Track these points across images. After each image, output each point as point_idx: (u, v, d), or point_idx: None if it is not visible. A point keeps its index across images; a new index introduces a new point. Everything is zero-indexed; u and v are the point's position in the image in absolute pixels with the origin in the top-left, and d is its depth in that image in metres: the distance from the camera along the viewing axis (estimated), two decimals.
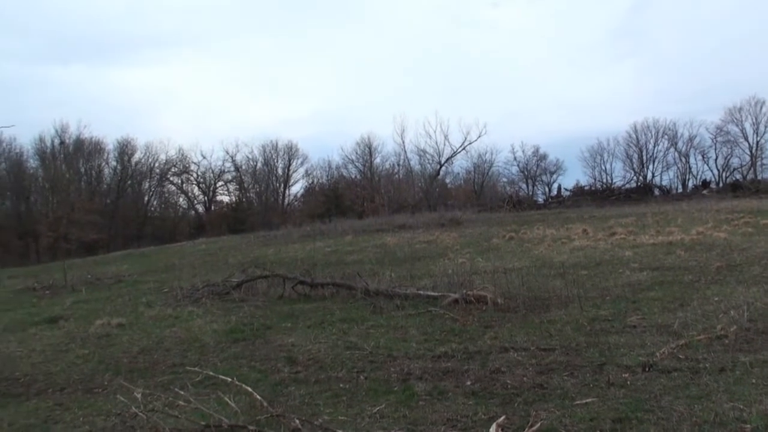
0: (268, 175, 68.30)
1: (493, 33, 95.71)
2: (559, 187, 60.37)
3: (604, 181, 60.91)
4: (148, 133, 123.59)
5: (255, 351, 8.69)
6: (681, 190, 56.17)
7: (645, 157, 61.62)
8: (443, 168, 61.29)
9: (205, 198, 69.31)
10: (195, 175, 68.54)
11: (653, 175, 61.00)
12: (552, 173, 65.61)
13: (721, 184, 53.59)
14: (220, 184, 69.08)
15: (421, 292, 11.73)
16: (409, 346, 8.24)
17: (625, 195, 47.44)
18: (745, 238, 16.82)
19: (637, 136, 61.64)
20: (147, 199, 66.89)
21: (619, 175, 61.94)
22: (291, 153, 67.82)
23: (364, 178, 64.49)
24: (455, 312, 10.08)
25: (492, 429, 4.94)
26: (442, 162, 60.25)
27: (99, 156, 63.39)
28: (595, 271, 13.67)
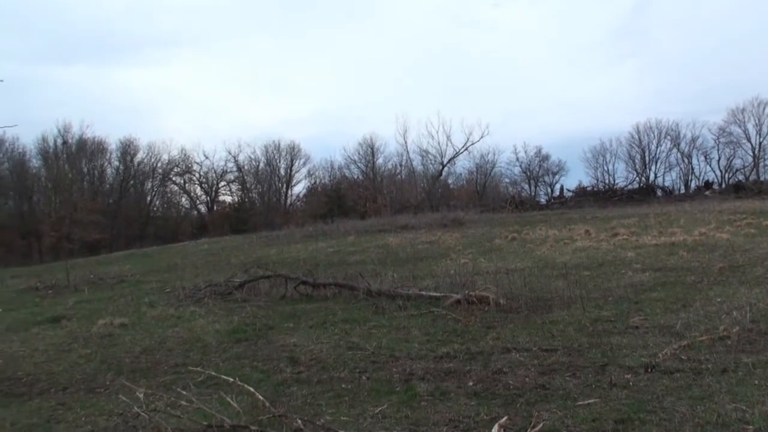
0: (270, 175, 68.40)
1: (494, 33, 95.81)
2: (561, 188, 60.35)
3: (607, 181, 60.96)
4: (150, 133, 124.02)
5: (257, 351, 8.69)
6: (683, 190, 56.16)
7: (647, 158, 61.67)
8: (446, 168, 61.39)
9: (208, 198, 69.50)
10: (197, 175, 68.80)
11: (656, 176, 61.09)
12: (554, 174, 65.74)
13: (723, 185, 53.59)
14: (223, 184, 69.36)
15: (423, 293, 11.72)
16: (411, 346, 8.24)
17: (627, 196, 47.44)
18: (747, 239, 16.80)
19: (639, 137, 61.71)
20: (149, 199, 67.03)
21: (622, 176, 62.09)
22: (293, 153, 68.01)
23: (367, 178, 64.52)
24: (457, 312, 10.08)
25: (494, 429, 4.94)
26: (445, 162, 60.34)
27: (101, 156, 63.59)
28: (597, 271, 13.66)
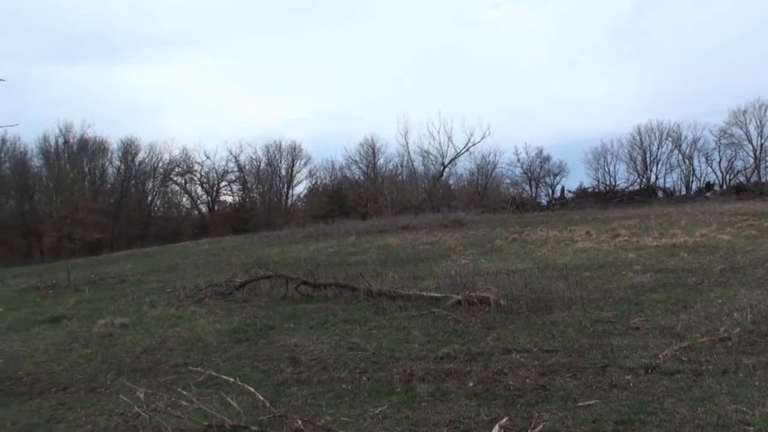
0: (271, 175, 68.48)
1: (494, 34, 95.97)
2: (562, 189, 60.34)
3: (608, 183, 60.91)
4: (151, 133, 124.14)
5: (258, 351, 8.70)
6: (684, 192, 56.10)
7: (648, 159, 61.63)
8: (446, 169, 61.33)
9: (209, 198, 69.56)
10: (198, 175, 68.89)
11: (657, 177, 61.05)
12: (555, 175, 65.74)
13: (724, 187, 53.53)
14: (224, 184, 69.45)
15: (423, 294, 11.72)
16: (411, 347, 8.24)
17: (628, 197, 47.38)
18: (748, 240, 16.79)
19: (640, 138, 61.67)
20: (150, 198, 67.08)
21: (623, 177, 62.07)
22: (294, 153, 68.11)
23: (368, 179, 64.56)
24: (458, 313, 10.08)
25: (494, 430, 4.94)
26: (446, 163, 60.28)
27: (103, 155, 63.67)
28: (598, 272, 13.65)
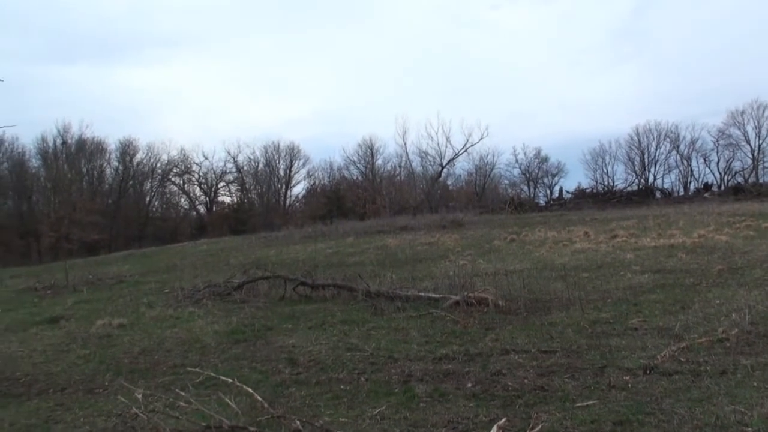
0: (269, 176, 68.44)
1: (493, 34, 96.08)
2: (560, 190, 60.51)
3: (606, 183, 61.03)
4: (149, 134, 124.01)
5: (256, 352, 8.69)
6: (683, 192, 56.26)
7: (647, 160, 61.69)
8: (445, 170, 61.29)
9: (207, 199, 69.50)
10: (197, 175, 68.82)
11: (655, 178, 61.14)
12: (553, 176, 65.82)
13: (722, 187, 53.65)
14: (222, 184, 69.36)
15: (422, 294, 11.72)
16: (410, 347, 8.24)
17: (626, 198, 47.49)
18: (746, 241, 16.81)
19: (639, 139, 61.73)
20: (148, 199, 66.99)
21: (621, 178, 62.15)
22: (293, 154, 68.08)
23: (366, 179, 64.55)
24: (456, 314, 10.07)
25: (493, 431, 4.94)
26: (444, 164, 60.25)
27: (101, 156, 63.57)
28: (596, 273, 13.65)
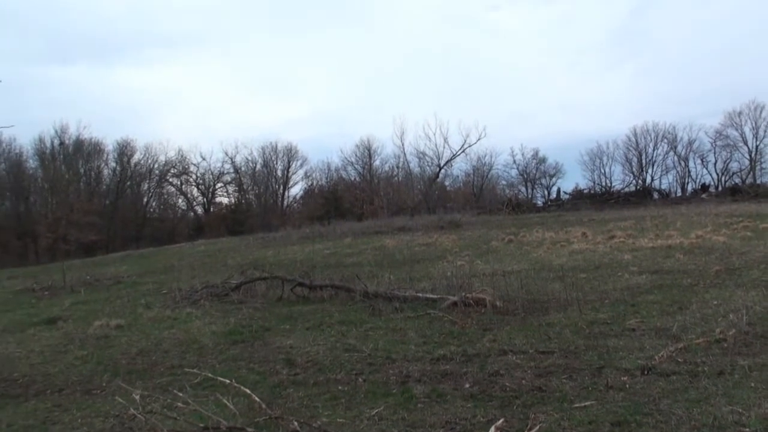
0: (267, 176, 68.42)
1: (492, 35, 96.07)
2: (558, 191, 60.50)
3: (604, 184, 61.08)
4: (147, 134, 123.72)
5: (254, 353, 8.68)
6: (680, 193, 56.35)
7: (644, 161, 61.81)
8: (442, 170, 61.32)
9: (204, 199, 69.40)
10: (194, 176, 68.74)
11: (652, 179, 61.26)
12: (551, 176, 65.90)
13: (720, 188, 53.75)
14: (220, 185, 69.31)
15: (419, 295, 11.72)
16: (407, 348, 8.24)
17: (624, 198, 47.49)
18: (744, 242, 16.84)
19: (636, 140, 61.85)
20: (146, 200, 66.93)
21: (619, 179, 62.27)
22: (290, 155, 68.07)
23: (364, 180, 64.54)
24: (454, 315, 10.07)
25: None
26: (442, 164, 60.27)
27: (98, 157, 63.48)
28: (594, 274, 13.67)
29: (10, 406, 6.91)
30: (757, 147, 56.63)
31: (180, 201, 69.96)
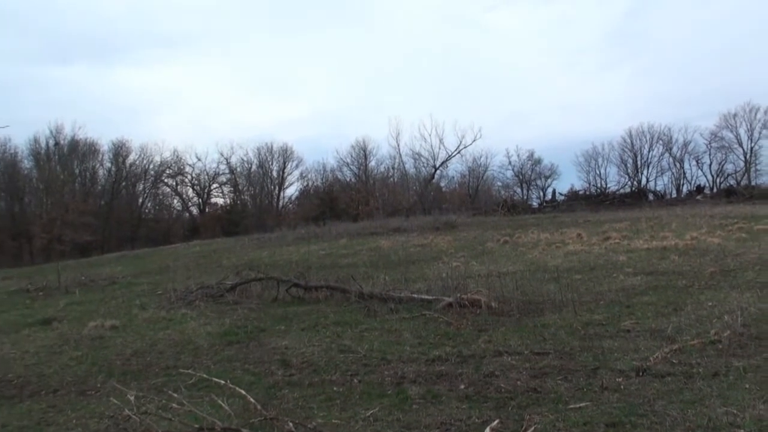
0: (262, 177, 68.35)
1: (489, 36, 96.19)
2: (553, 192, 60.80)
3: (599, 185, 61.28)
4: (143, 135, 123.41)
5: (249, 354, 8.67)
6: (675, 195, 56.56)
7: (639, 162, 61.94)
8: (438, 171, 61.42)
9: (200, 200, 69.32)
10: (189, 177, 68.64)
11: (648, 180, 61.41)
12: (547, 178, 65.98)
13: (715, 190, 53.99)
14: (215, 186, 69.22)
15: (415, 296, 11.72)
16: (403, 349, 8.23)
17: (619, 200, 47.67)
18: (738, 243, 16.90)
19: (631, 141, 61.99)
20: (141, 200, 66.80)
21: (614, 180, 62.41)
22: (286, 155, 68.02)
23: (359, 181, 64.52)
24: (449, 316, 10.07)
25: None
26: (437, 165, 60.36)
27: (93, 157, 63.32)
28: (589, 275, 13.69)
29: (4, 407, 6.88)
30: (751, 149, 56.91)
31: (175, 202, 70.00)
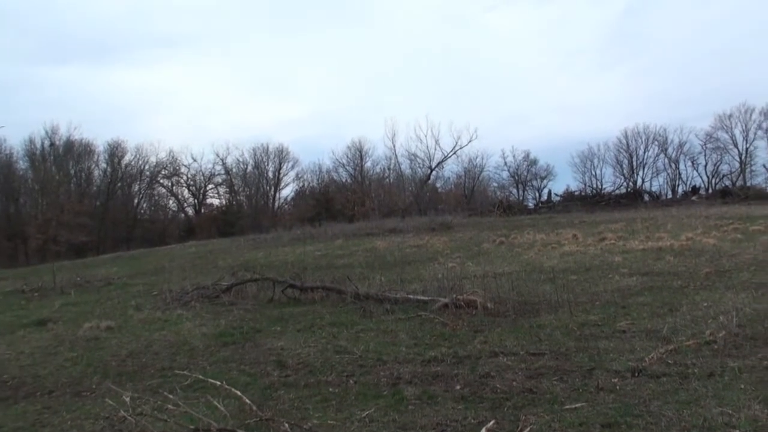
0: (258, 178, 68.30)
1: (486, 36, 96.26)
2: (549, 193, 60.90)
3: (594, 186, 61.41)
4: (139, 136, 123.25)
5: (244, 355, 8.66)
6: (671, 195, 56.71)
7: (635, 163, 62.12)
8: (434, 172, 61.53)
9: (195, 201, 69.24)
10: (185, 177, 68.56)
11: (643, 181, 61.57)
12: (542, 178, 66.08)
13: (710, 191, 54.13)
14: (211, 186, 69.16)
15: (411, 297, 11.72)
16: (398, 350, 8.23)
17: (615, 200, 47.79)
18: (734, 244, 16.95)
19: (627, 142, 62.17)
20: (137, 201, 66.73)
21: (609, 181, 62.56)
22: (282, 156, 67.99)
23: (355, 181, 64.54)
24: (445, 316, 10.07)
25: None
26: (433, 166, 60.47)
27: (89, 158, 63.26)
28: (584, 276, 13.71)
29: None
30: (747, 149, 57.14)
31: (171, 202, 69.94)
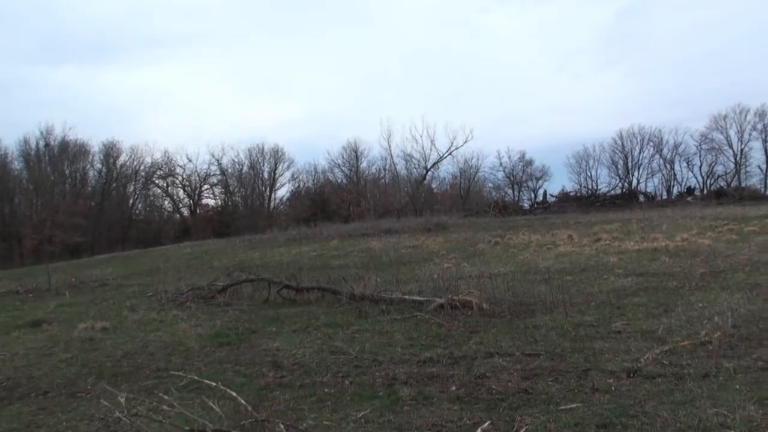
0: (254, 178, 68.28)
1: (482, 37, 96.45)
2: (544, 193, 61.01)
3: (590, 187, 61.58)
4: (134, 136, 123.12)
5: (240, 355, 8.65)
6: (666, 196, 56.87)
7: (630, 164, 62.31)
8: (429, 173, 61.57)
9: (191, 201, 69.19)
10: (180, 178, 68.55)
11: (638, 182, 61.80)
12: (538, 179, 66.26)
13: (705, 191, 54.29)
14: (206, 187, 69.13)
15: (406, 297, 11.73)
16: (394, 350, 8.23)
17: (610, 201, 47.88)
18: (729, 244, 16.98)
19: (622, 143, 62.37)
20: (132, 202, 66.64)
21: (605, 182, 62.77)
22: (277, 157, 68.01)
23: (350, 182, 64.56)
24: (441, 317, 10.08)
25: None
26: (429, 167, 60.49)
27: (84, 158, 63.15)
28: (580, 276, 13.73)
29: None
30: (742, 150, 57.36)
31: (166, 203, 69.93)
